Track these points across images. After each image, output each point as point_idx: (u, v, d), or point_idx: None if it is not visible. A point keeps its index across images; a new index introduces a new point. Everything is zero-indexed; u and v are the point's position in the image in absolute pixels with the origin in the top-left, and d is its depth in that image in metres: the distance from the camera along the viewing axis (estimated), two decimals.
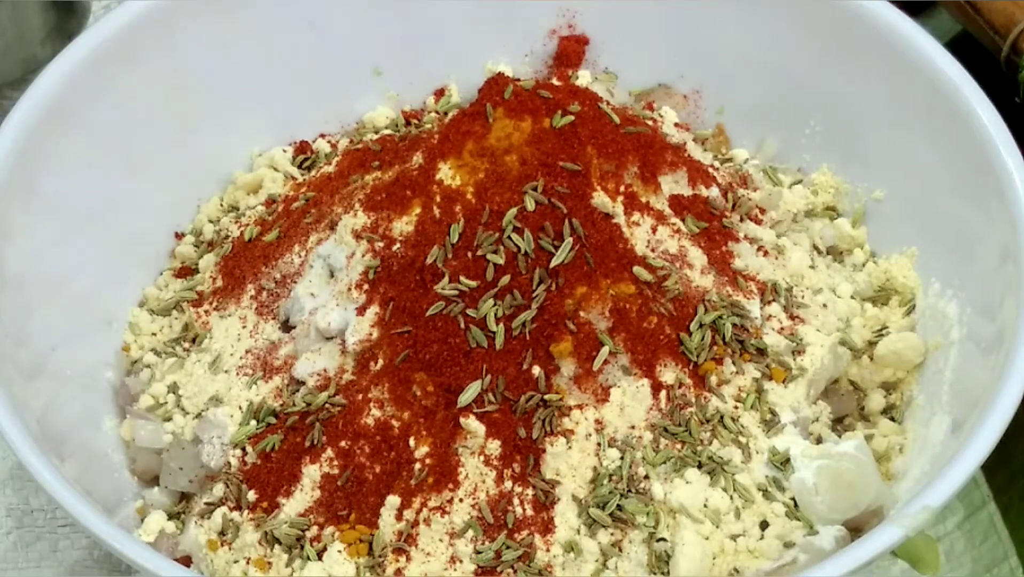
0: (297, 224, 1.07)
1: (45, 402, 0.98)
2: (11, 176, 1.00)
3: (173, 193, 1.12)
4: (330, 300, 1.00)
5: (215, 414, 1.01)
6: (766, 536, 0.95)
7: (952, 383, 1.00)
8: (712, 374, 0.99)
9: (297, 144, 1.16)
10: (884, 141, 1.09)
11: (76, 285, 1.05)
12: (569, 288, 0.96)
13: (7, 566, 1.08)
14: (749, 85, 1.14)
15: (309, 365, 1.00)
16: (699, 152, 1.11)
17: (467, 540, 0.94)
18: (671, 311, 0.99)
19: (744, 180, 1.12)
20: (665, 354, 0.98)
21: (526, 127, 0.99)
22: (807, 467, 0.96)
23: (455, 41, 1.16)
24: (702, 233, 1.03)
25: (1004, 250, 0.98)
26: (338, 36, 1.14)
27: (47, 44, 1.25)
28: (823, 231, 1.10)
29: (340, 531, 0.95)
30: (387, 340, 0.97)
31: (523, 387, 0.96)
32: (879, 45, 1.07)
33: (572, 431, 0.96)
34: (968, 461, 0.89)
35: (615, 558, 0.94)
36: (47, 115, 1.03)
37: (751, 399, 0.99)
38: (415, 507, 0.95)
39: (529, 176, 0.98)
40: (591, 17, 1.16)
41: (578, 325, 0.96)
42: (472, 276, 0.96)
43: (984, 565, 1.06)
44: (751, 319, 1.01)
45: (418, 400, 0.96)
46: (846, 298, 1.07)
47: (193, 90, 1.11)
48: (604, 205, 0.98)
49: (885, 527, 0.88)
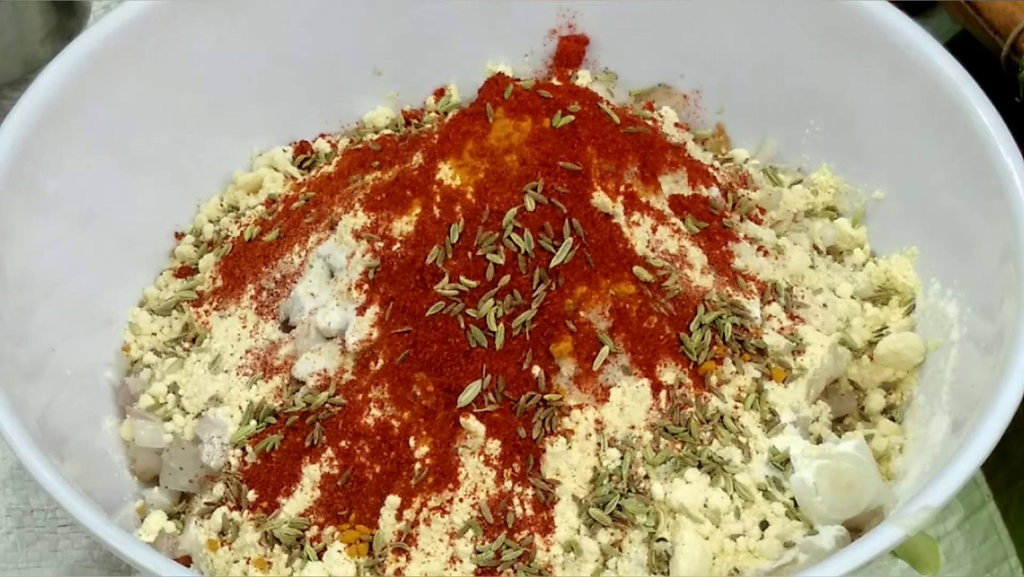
0: (297, 224, 1.07)
1: (45, 402, 0.98)
2: (11, 176, 1.00)
3: (173, 193, 1.12)
4: (330, 300, 1.00)
5: (215, 414, 1.01)
6: (766, 536, 0.95)
7: (952, 383, 1.00)
8: (712, 374, 0.99)
9: (297, 144, 1.17)
10: (884, 141, 1.09)
11: (76, 285, 1.05)
12: (569, 288, 0.96)
13: (7, 566, 1.08)
14: (749, 85, 1.14)
15: (309, 365, 1.00)
16: (699, 152, 1.11)
17: (467, 540, 0.94)
18: (671, 311, 0.99)
19: (744, 180, 1.12)
20: (665, 354, 0.98)
21: (526, 127, 0.99)
22: (807, 467, 0.96)
23: (455, 41, 1.16)
24: (702, 233, 1.03)
25: (1004, 250, 0.98)
26: (338, 36, 1.14)
27: (47, 44, 1.25)
28: (823, 231, 1.10)
29: (340, 531, 0.95)
30: (387, 340, 0.97)
31: (523, 387, 0.96)
32: (879, 45, 1.07)
33: (572, 431, 0.96)
34: (968, 461, 0.88)
35: (615, 558, 0.94)
36: (47, 115, 1.03)
37: (751, 399, 0.99)
38: (415, 507, 0.95)
39: (529, 176, 0.98)
40: (591, 17, 1.16)
41: (578, 325, 0.96)
42: (472, 276, 0.96)
43: (984, 565, 1.06)
44: (751, 319, 1.01)
45: (418, 400, 0.96)
46: (846, 298, 1.07)
47: (193, 90, 1.11)
48: (604, 205, 0.98)
49: (885, 527, 0.88)
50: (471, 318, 0.96)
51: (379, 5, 1.14)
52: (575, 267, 0.96)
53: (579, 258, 0.97)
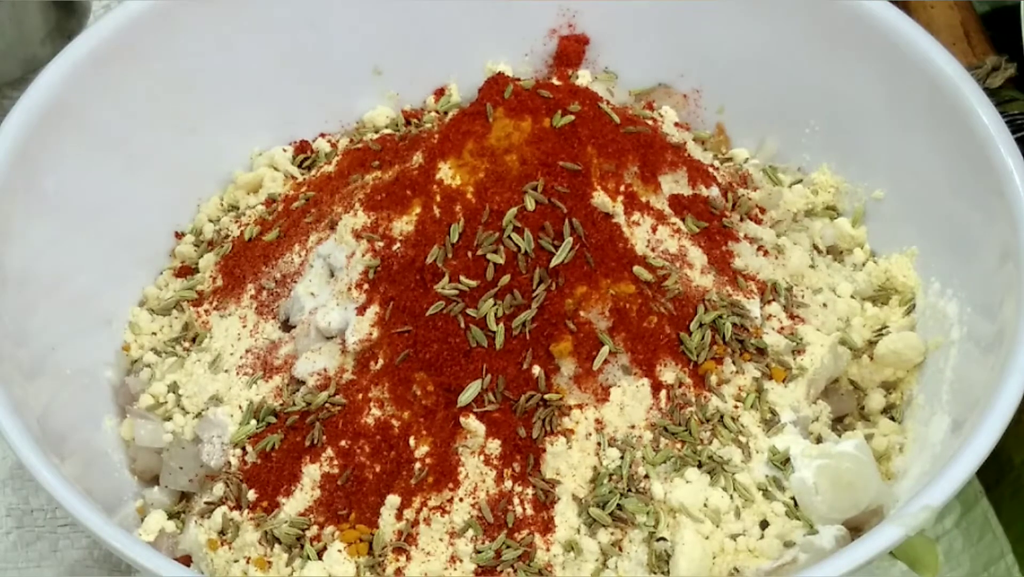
0: (297, 224, 1.07)
1: (45, 402, 0.98)
2: (11, 176, 1.00)
3: (173, 192, 1.12)
4: (330, 300, 1.00)
5: (215, 413, 1.01)
6: (766, 536, 0.95)
7: (952, 382, 1.00)
8: (712, 374, 0.99)
9: (297, 144, 1.17)
10: (884, 141, 1.09)
11: (76, 285, 1.05)
12: (569, 288, 0.96)
13: (7, 566, 1.08)
14: (749, 85, 1.14)
15: (309, 365, 1.00)
16: (699, 152, 1.11)
17: (467, 540, 0.94)
18: (671, 310, 0.99)
19: (744, 180, 1.12)
20: (665, 353, 0.98)
21: (526, 127, 0.99)
22: (807, 466, 0.96)
23: (455, 41, 1.16)
24: (702, 233, 1.03)
25: (1004, 250, 0.98)
26: (338, 36, 1.14)
27: (47, 44, 1.25)
28: (823, 231, 1.10)
29: (340, 530, 0.95)
30: (387, 340, 0.97)
31: (523, 386, 0.96)
32: (879, 45, 1.07)
33: (572, 431, 0.96)
34: (968, 461, 0.88)
35: (615, 558, 0.94)
36: (47, 115, 1.03)
37: (751, 399, 0.99)
38: (415, 506, 0.95)
39: (529, 176, 0.98)
40: (591, 17, 1.16)
41: (578, 325, 0.96)
42: (472, 276, 0.96)
43: (982, 563, 1.06)
44: (751, 319, 1.01)
45: (418, 400, 0.96)
46: (846, 298, 1.07)
47: (193, 89, 1.11)
48: (604, 205, 0.98)
49: (885, 526, 0.88)
50: (471, 318, 0.96)
51: (379, 5, 1.14)
52: (575, 267, 0.96)
53: (579, 258, 0.97)
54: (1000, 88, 1.18)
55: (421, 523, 0.94)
